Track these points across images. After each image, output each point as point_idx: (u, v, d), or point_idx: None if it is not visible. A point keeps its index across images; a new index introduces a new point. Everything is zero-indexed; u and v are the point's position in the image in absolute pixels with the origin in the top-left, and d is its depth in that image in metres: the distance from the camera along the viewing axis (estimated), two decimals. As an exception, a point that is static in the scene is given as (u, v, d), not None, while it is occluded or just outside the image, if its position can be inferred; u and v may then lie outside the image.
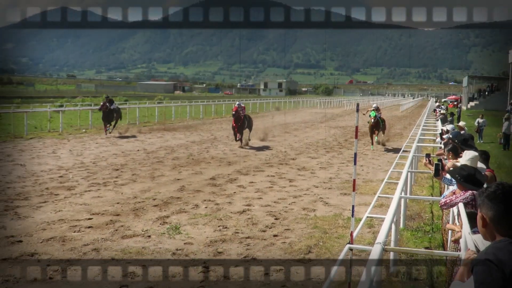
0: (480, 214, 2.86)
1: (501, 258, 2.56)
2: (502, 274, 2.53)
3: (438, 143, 15.80)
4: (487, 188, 2.86)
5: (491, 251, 2.66)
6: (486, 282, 2.55)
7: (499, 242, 2.72)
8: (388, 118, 48.81)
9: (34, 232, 9.20)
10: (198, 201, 12.02)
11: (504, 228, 2.74)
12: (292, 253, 8.34)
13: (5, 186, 13.13)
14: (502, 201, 2.74)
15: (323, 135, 30.00)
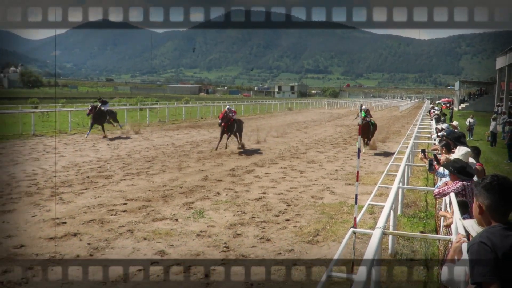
0: (477, 203, 2.87)
1: (494, 241, 2.58)
2: (494, 255, 2.54)
3: (433, 139, 15.72)
4: (483, 180, 2.88)
5: (485, 235, 2.67)
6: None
7: (493, 227, 2.73)
8: (388, 118, 48.60)
9: (76, 215, 9.28)
10: (220, 189, 12.05)
11: (499, 215, 2.76)
12: (302, 235, 8.33)
13: (51, 175, 13.25)
14: (497, 191, 2.79)
15: (330, 132, 29.89)
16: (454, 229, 5.20)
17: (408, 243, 7.91)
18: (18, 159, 15.99)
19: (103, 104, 23.92)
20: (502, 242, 2.61)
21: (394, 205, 7.27)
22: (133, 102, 54.51)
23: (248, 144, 21.34)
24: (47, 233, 8.09)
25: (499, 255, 2.56)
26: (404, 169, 10.08)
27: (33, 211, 9.45)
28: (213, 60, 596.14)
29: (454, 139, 8.81)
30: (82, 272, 6.43)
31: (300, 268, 6.78)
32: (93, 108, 23.23)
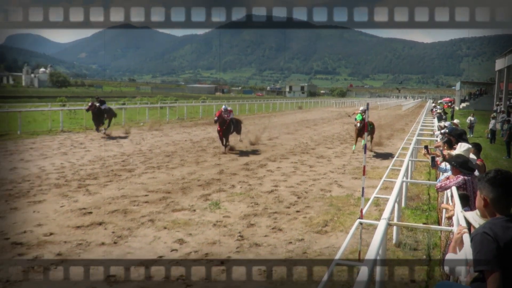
0: (482, 196, 2.87)
1: (496, 232, 2.58)
2: (496, 245, 2.54)
3: (435, 136, 15.62)
4: (487, 174, 2.88)
5: (488, 226, 2.67)
6: (482, 251, 2.56)
7: (496, 219, 2.73)
8: (392, 116, 48.29)
9: (101, 205, 9.34)
10: (234, 182, 12.05)
11: (502, 208, 2.77)
12: (311, 226, 8.32)
13: (78, 168, 13.34)
14: (501, 185, 2.81)
15: (338, 129, 29.77)
16: (455, 221, 5.17)
17: (411, 234, 7.86)
18: (48, 153, 16.12)
19: (101, 103, 22.47)
20: (504, 233, 2.61)
21: (398, 198, 7.24)
22: (154, 101, 54.67)
23: (261, 140, 21.32)
24: (74, 222, 8.16)
25: (501, 245, 2.56)
26: (408, 164, 10.02)
27: (61, 202, 9.52)
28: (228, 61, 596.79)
29: (457, 136, 8.77)
30: (106, 258, 6.47)
31: (310, 256, 6.77)
32: (93, 105, 21.94)
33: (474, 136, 26.66)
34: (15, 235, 7.31)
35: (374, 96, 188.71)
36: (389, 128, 31.83)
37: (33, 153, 16.07)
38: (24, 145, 17.96)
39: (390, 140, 23.61)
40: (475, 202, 5.62)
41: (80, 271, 5.98)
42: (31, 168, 13.24)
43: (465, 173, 5.99)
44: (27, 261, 6.28)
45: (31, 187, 10.77)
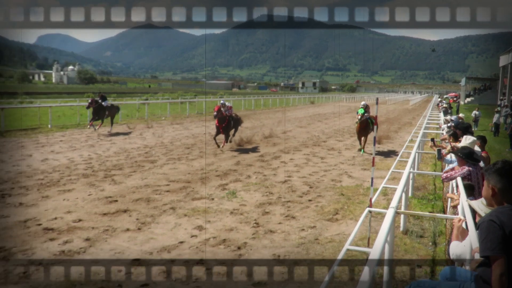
0: (490, 186, 2.86)
1: (502, 220, 2.58)
2: (502, 232, 2.54)
3: (441, 130, 15.48)
4: (495, 165, 2.90)
5: (495, 214, 2.66)
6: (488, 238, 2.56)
7: (502, 207, 2.73)
8: (400, 110, 47.86)
9: (126, 194, 9.42)
10: (250, 172, 12.07)
11: (509, 197, 2.77)
12: (323, 214, 8.31)
13: (104, 160, 13.46)
14: (508, 175, 2.84)
15: (348, 123, 29.60)
16: (460, 210, 5.13)
17: (418, 222, 7.82)
18: (76, 145, 16.28)
19: (102, 99, 21.21)
20: (510, 221, 2.61)
21: (406, 188, 7.19)
22: (175, 96, 54.91)
23: (274, 133, 21.28)
24: (101, 209, 8.24)
25: (506, 232, 2.56)
26: (415, 156, 9.95)
27: (89, 191, 9.63)
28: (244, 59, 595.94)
29: (463, 129, 8.69)
30: (131, 243, 6.54)
31: (321, 243, 6.77)
32: (93, 102, 20.54)
33: (478, 129, 26.37)
34: (47, 221, 7.42)
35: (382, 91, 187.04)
36: (397, 122, 31.58)
37: (62, 145, 16.25)
38: (54, 138, 18.16)
39: (397, 133, 23.43)
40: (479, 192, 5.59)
41: (107, 255, 6.05)
42: (61, 159, 13.39)
43: (471, 164, 5.94)
44: (58, 245, 6.37)
45: (61, 177, 10.90)
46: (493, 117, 25.46)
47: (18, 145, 15.94)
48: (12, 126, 21.25)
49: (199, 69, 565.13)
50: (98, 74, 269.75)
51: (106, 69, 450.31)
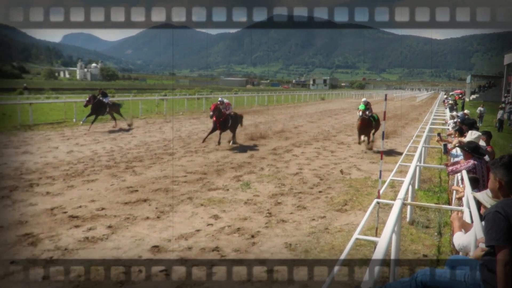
0: (497, 179, 2.84)
1: (508, 211, 2.57)
2: (507, 223, 2.52)
3: (447, 125, 15.34)
4: (502, 159, 2.88)
5: (501, 205, 2.64)
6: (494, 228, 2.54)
7: (508, 199, 2.71)
8: (407, 106, 47.42)
9: (146, 184, 9.48)
10: (263, 165, 12.07)
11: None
12: (332, 204, 8.28)
13: (126, 152, 13.55)
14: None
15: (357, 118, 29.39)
16: (465, 201, 5.09)
17: (424, 213, 7.76)
18: (99, 138, 16.41)
19: (103, 96, 19.83)
20: None
21: (412, 181, 7.14)
22: (192, 93, 55.00)
23: (286, 128, 21.23)
24: (123, 198, 8.31)
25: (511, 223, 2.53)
26: (421, 150, 9.87)
27: (111, 181, 9.70)
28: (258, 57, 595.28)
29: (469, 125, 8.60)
30: (150, 231, 6.58)
31: (331, 232, 6.75)
32: (91, 99, 19.12)
33: (483, 125, 26.04)
34: (72, 210, 7.50)
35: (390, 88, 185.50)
36: (404, 117, 31.31)
37: (86, 138, 16.39)
38: (79, 131, 18.31)
39: (404, 129, 23.24)
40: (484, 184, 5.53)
41: (128, 242, 6.11)
42: (85, 151, 13.51)
43: (476, 158, 5.88)
44: (82, 232, 6.44)
45: (85, 168, 11.00)
46: (498, 113, 25.20)
47: (45, 138, 16.11)
48: (40, 120, 21.50)
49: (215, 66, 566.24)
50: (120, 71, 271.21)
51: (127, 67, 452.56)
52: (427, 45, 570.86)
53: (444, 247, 6.18)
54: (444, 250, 6.08)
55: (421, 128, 16.32)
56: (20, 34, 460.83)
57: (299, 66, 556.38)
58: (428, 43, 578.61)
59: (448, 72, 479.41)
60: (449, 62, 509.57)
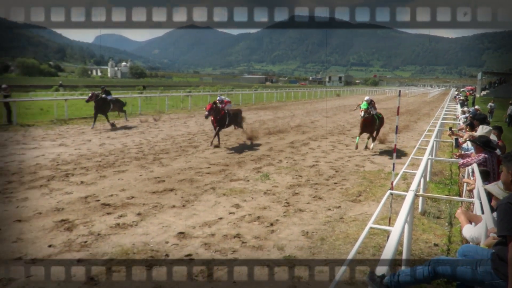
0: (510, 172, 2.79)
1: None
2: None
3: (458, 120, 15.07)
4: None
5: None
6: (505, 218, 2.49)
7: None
8: (419, 102, 46.72)
9: (172, 175, 9.55)
10: (282, 157, 12.04)
11: None
12: (347, 195, 8.23)
13: (153, 145, 13.66)
14: None
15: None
16: (476, 193, 5.00)
17: (435, 204, 7.65)
18: (128, 132, 16.59)
19: (106, 93, 18.68)
20: None
21: (424, 173, 7.05)
22: (215, 89, 55.16)
23: (303, 122, 21.12)
24: (150, 188, 8.39)
25: None
26: (433, 144, 9.72)
27: (140, 172, 9.80)
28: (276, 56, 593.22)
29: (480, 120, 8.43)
30: (176, 218, 6.64)
31: (346, 221, 6.71)
32: (93, 96, 17.88)
33: (493, 120, 25.48)
34: (104, 198, 7.60)
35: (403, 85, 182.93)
36: (416, 113, 30.86)
37: (117, 132, 16.58)
38: (109, 126, 18.50)
39: (416, 123, 22.91)
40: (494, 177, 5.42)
41: (156, 228, 6.17)
42: (116, 144, 13.67)
43: (487, 152, 5.77)
44: (114, 218, 6.54)
45: (116, 159, 11.14)
46: (508, 108, 24.70)
47: (79, 132, 16.36)
48: (74, 115, 21.82)
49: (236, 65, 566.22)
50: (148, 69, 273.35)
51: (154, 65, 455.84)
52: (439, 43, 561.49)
53: (454, 237, 6.08)
54: (455, 239, 5.99)
55: (432, 123, 16.05)
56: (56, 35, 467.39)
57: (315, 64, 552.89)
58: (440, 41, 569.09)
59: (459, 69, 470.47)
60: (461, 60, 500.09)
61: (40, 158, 10.99)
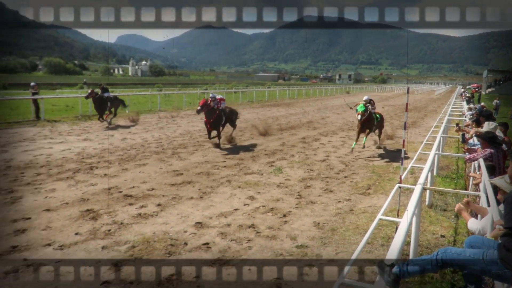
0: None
1: None
2: None
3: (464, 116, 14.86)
4: None
5: None
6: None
7: None
8: (426, 99, 46.14)
9: (190, 168, 9.61)
10: (294, 152, 12.02)
11: None
12: (356, 189, 8.19)
13: (172, 140, 13.74)
14: None
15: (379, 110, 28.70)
16: (482, 187, 4.95)
17: (442, 197, 7.58)
18: (149, 127, 16.70)
19: (103, 91, 17.44)
20: None
21: (431, 168, 6.98)
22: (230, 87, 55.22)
23: (314, 119, 21.02)
24: (170, 180, 8.45)
25: None
26: (440, 140, 9.61)
27: (160, 165, 9.88)
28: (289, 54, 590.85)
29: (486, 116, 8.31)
30: (194, 209, 6.68)
31: (355, 213, 6.69)
32: (92, 93, 16.91)
33: (498, 117, 25.06)
34: (126, 189, 7.69)
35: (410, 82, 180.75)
36: (423, 109, 30.51)
37: (138, 127, 16.71)
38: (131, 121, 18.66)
39: (423, 120, 22.66)
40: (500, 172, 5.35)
41: (175, 218, 6.22)
42: (136, 139, 13.79)
43: (493, 147, 5.69)
44: (135, 209, 6.61)
45: (137, 153, 11.24)
46: (512, 106, 24.28)
47: (103, 127, 16.52)
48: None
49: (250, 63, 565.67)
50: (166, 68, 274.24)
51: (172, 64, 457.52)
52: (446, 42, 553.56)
53: (460, 229, 6.03)
54: (461, 231, 5.94)
55: (439, 120, 15.86)
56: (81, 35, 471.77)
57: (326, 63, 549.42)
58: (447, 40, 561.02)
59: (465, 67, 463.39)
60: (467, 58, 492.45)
61: (66, 152, 11.14)
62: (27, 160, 10.03)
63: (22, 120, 17.80)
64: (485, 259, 2.56)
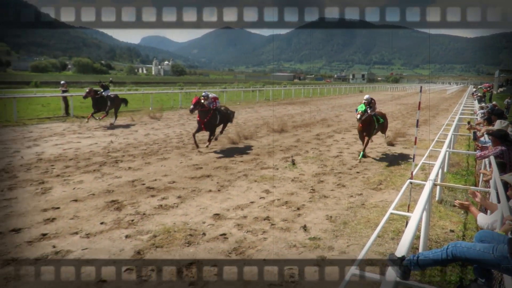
0: None
1: None
2: None
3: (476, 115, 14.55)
4: None
5: None
6: None
7: None
8: (438, 98, 45.35)
9: (209, 163, 9.64)
10: (308, 148, 11.96)
11: None
12: (368, 184, 8.11)
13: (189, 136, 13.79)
14: None
15: (392, 108, 28.47)
16: (492, 184, 4.84)
17: (452, 193, 7.44)
18: (171, 124, 16.82)
19: (103, 89, 16.16)
20: None
21: (442, 164, 6.85)
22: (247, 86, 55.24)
23: (328, 116, 20.86)
24: (190, 174, 8.50)
25: None
26: (451, 138, 9.43)
27: (180, 159, 9.94)
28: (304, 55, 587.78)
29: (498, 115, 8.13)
30: (212, 201, 6.70)
31: (367, 207, 6.62)
32: (91, 92, 15.58)
33: (510, 116, 24.53)
34: (149, 182, 7.76)
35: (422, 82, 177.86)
36: (435, 108, 29.99)
37: (160, 123, 16.85)
38: (154, 118, 18.83)
39: (435, 118, 22.27)
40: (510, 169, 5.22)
41: (194, 210, 6.26)
42: (159, 134, 13.90)
43: (504, 145, 5.56)
44: (157, 200, 6.66)
45: (159, 148, 11.33)
46: (524, 105, 23.70)
47: (127, 123, 16.70)
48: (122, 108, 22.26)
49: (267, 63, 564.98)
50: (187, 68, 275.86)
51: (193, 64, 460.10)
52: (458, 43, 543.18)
53: (470, 224, 5.91)
54: (470, 226, 5.82)
55: (450, 118, 15.56)
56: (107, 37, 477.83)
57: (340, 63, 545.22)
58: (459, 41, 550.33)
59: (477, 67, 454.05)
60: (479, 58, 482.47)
61: (93, 146, 11.31)
62: (57, 153, 10.21)
63: (52, 116, 18.14)
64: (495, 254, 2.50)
